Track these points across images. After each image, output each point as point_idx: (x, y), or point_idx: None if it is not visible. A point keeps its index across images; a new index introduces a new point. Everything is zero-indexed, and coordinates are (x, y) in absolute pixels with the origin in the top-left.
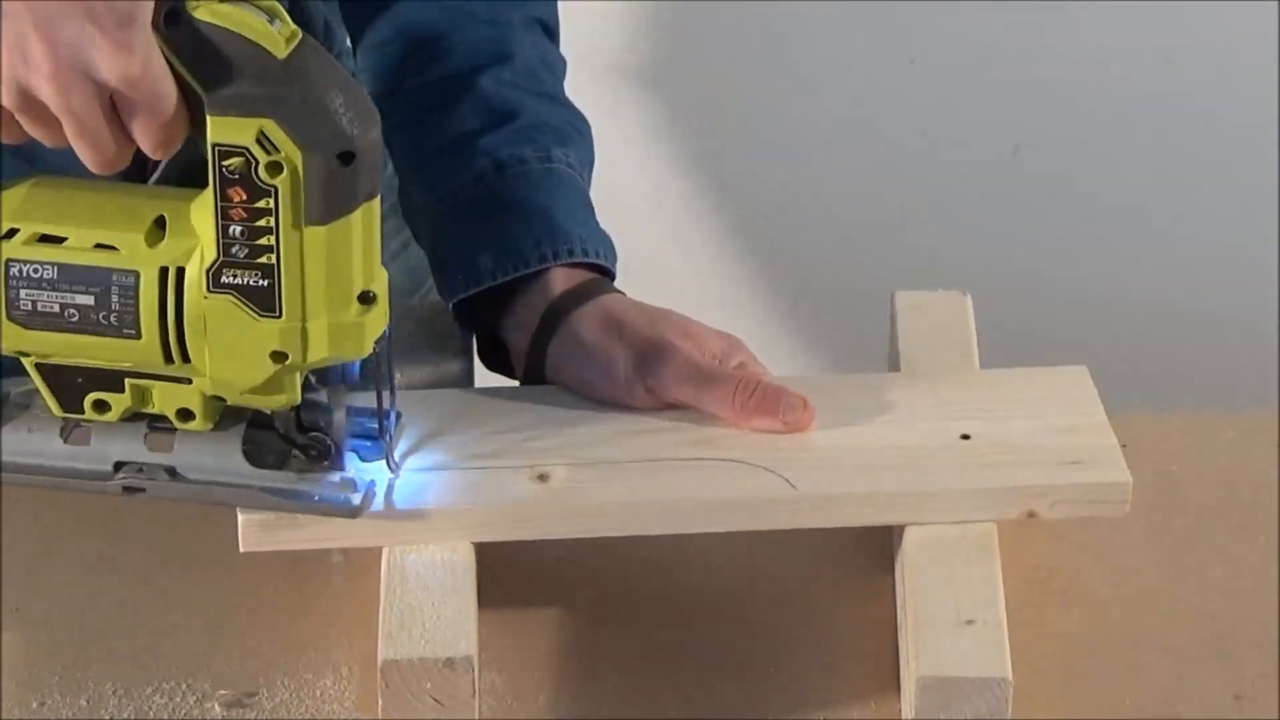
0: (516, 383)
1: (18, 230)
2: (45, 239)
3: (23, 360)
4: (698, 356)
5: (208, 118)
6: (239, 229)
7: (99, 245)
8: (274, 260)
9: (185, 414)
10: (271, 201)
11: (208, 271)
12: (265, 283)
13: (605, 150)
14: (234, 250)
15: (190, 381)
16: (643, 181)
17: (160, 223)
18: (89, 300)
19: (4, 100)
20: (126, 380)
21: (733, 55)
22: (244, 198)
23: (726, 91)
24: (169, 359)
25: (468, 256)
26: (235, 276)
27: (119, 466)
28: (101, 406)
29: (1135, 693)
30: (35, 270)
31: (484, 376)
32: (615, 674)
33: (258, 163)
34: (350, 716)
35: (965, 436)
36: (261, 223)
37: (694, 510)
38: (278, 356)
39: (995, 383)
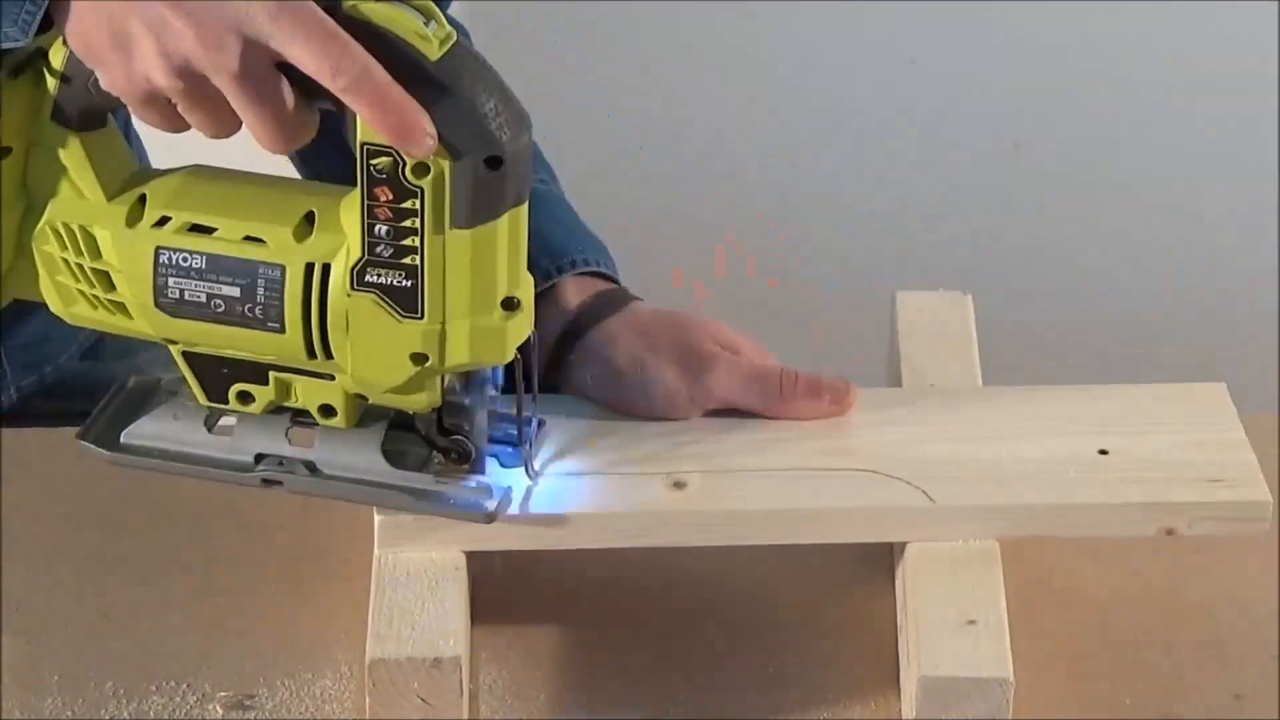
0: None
1: (169, 218)
2: (195, 228)
3: (170, 348)
4: (736, 359)
5: (357, 116)
6: (384, 229)
7: (247, 238)
8: (417, 261)
9: (327, 410)
10: (417, 203)
11: (352, 270)
12: (408, 283)
13: (604, 151)
14: (379, 249)
15: (333, 378)
16: (642, 182)
17: (309, 218)
18: (235, 291)
19: (162, 81)
20: (271, 373)
21: (732, 55)
22: (390, 197)
23: (726, 91)
24: (311, 354)
25: None
26: (379, 276)
27: (259, 459)
28: (245, 398)
29: (1135, 693)
30: (184, 259)
31: None
32: (615, 674)
33: (404, 163)
34: (350, 716)
35: (1103, 451)
36: (407, 223)
37: (829, 519)
38: (417, 358)
39: (1130, 398)
